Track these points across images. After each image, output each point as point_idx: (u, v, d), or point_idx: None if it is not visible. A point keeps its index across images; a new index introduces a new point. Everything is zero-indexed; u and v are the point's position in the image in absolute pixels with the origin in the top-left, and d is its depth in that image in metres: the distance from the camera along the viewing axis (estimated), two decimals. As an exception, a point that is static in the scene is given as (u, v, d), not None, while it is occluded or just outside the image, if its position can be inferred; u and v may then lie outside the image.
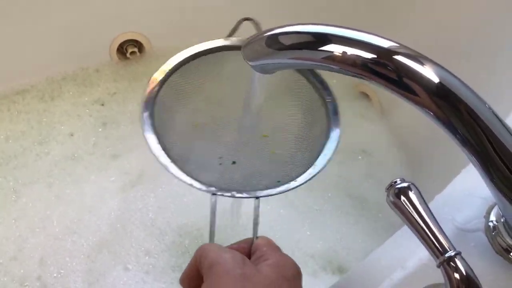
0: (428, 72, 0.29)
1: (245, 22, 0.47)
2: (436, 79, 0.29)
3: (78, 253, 0.69)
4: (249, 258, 0.36)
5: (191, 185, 0.41)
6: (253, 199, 0.41)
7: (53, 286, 0.66)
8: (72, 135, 0.82)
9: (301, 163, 0.44)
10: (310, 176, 0.41)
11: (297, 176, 0.42)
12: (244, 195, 0.41)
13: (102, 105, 0.85)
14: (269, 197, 0.76)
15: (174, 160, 0.42)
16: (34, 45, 0.82)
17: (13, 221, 0.72)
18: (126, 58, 0.89)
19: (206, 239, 0.71)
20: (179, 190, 0.75)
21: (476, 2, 0.64)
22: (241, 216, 0.67)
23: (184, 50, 0.47)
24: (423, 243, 0.27)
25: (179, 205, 0.74)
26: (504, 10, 0.60)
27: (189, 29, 0.88)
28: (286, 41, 0.33)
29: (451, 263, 0.26)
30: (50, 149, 0.80)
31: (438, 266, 0.27)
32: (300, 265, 0.34)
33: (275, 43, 0.34)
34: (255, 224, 0.39)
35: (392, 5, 0.77)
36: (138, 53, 0.89)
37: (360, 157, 0.82)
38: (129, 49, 0.88)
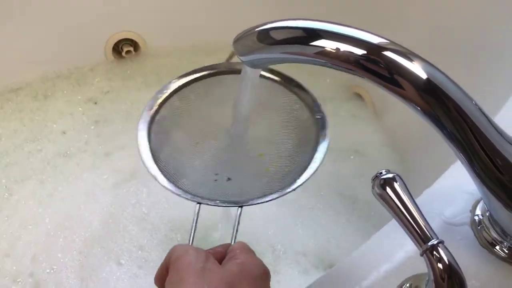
0: (417, 68, 0.29)
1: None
2: (424, 75, 0.29)
3: (70, 249, 0.69)
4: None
5: (178, 194, 0.42)
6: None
7: (46, 282, 0.66)
8: (64, 133, 0.82)
9: (290, 176, 0.45)
10: (295, 187, 0.43)
11: (283, 188, 0.43)
12: (228, 204, 0.43)
13: (95, 103, 0.85)
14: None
15: (168, 173, 0.44)
16: (30, 43, 0.83)
17: (6, 218, 0.72)
18: (122, 57, 0.89)
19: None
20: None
21: (465, 2, 0.65)
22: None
23: (182, 74, 0.48)
24: (407, 232, 0.28)
25: (171, 200, 0.74)
26: (495, 10, 0.61)
27: (184, 30, 0.89)
28: (278, 36, 0.34)
29: (434, 251, 0.27)
30: (42, 147, 0.80)
31: (421, 255, 0.27)
32: (292, 263, 0.34)
33: (266, 37, 0.34)
34: (235, 231, 0.40)
35: (388, 5, 0.78)
36: (133, 52, 0.89)
37: (352, 157, 0.82)
38: (125, 48, 0.88)
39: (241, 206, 0.42)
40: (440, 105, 0.29)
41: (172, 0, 0.86)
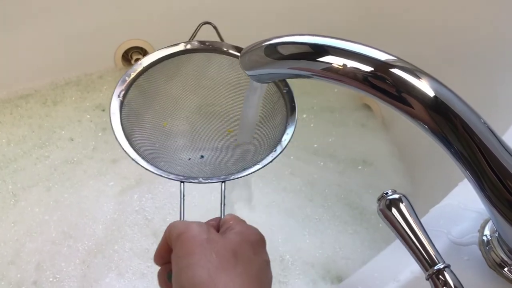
0: (424, 86, 0.29)
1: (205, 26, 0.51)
2: (431, 93, 0.29)
3: (73, 258, 0.69)
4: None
5: (160, 175, 0.43)
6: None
7: (49, 291, 0.66)
8: (72, 139, 0.82)
9: (264, 150, 0.46)
10: (272, 159, 0.44)
11: (261, 161, 0.44)
12: (211, 180, 0.43)
13: (103, 110, 0.86)
14: (269, 204, 0.76)
15: (144, 156, 0.44)
16: (40, 51, 0.83)
17: (12, 224, 0.72)
18: (131, 64, 0.90)
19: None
20: (176, 192, 0.75)
21: (472, 15, 0.65)
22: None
23: (148, 56, 0.49)
24: (412, 255, 0.27)
25: (176, 206, 0.74)
26: (505, 25, 0.60)
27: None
28: (285, 51, 0.33)
29: (440, 276, 0.26)
30: (50, 153, 0.80)
31: (427, 279, 0.27)
32: (301, 274, 0.35)
33: (273, 52, 0.34)
34: (223, 205, 0.41)
35: (395, 20, 0.78)
36: (142, 60, 0.89)
37: (360, 167, 0.82)
38: (134, 56, 0.89)
39: (224, 182, 0.43)
40: (448, 123, 0.29)
41: (182, 9, 0.86)
